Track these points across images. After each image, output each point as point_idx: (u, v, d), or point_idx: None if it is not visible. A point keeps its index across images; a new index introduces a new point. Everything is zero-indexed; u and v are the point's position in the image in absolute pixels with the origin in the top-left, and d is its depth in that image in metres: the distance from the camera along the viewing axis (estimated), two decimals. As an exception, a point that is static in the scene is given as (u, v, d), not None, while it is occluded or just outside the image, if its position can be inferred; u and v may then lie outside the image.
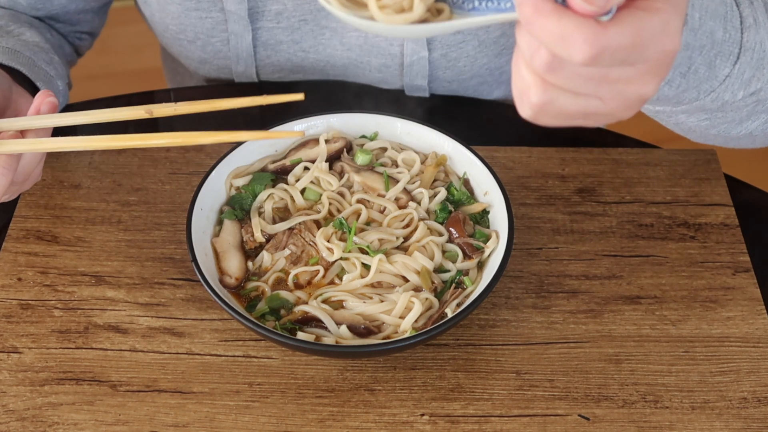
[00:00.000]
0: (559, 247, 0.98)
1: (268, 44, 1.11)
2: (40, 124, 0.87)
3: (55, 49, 1.08)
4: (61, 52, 1.12)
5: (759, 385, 0.87)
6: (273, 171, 0.97)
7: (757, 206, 1.03)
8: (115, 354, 0.89)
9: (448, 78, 1.12)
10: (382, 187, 0.94)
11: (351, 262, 0.89)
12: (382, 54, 1.10)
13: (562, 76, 0.63)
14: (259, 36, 1.10)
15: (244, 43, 1.10)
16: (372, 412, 0.85)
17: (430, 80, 1.12)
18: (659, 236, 0.99)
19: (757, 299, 0.93)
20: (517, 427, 0.84)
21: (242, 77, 1.15)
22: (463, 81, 1.12)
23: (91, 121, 0.87)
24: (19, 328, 0.90)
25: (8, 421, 0.84)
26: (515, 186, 1.03)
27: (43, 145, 0.86)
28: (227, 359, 0.88)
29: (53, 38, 1.11)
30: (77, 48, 1.20)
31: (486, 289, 0.84)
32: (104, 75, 2.29)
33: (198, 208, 0.91)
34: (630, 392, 0.86)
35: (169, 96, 1.16)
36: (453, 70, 1.11)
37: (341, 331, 0.85)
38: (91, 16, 1.16)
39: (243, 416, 0.84)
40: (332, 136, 0.98)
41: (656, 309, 0.93)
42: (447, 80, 1.12)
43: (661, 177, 1.04)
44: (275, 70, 1.14)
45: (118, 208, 1.00)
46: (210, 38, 1.11)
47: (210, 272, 0.87)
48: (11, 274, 0.94)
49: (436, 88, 1.14)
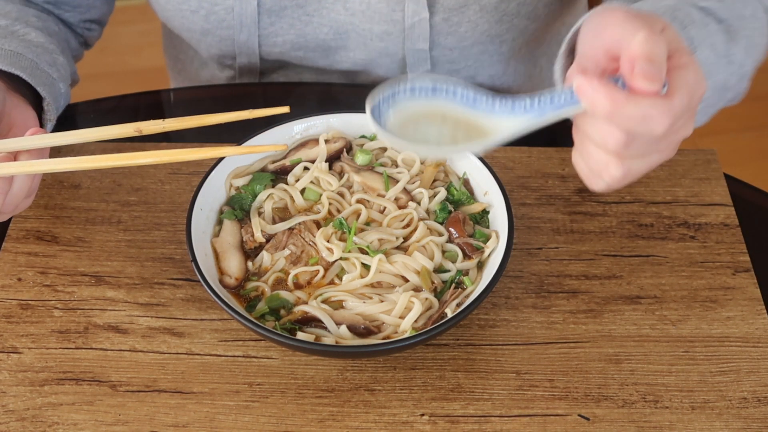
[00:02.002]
0: (559, 247, 0.98)
1: (272, 10, 1.11)
2: (31, 145, 0.88)
3: (61, 47, 1.08)
4: (66, 47, 1.11)
5: (759, 385, 0.87)
6: (273, 171, 0.97)
7: (757, 206, 1.03)
8: (115, 354, 0.89)
9: (450, 45, 1.13)
10: (381, 187, 0.94)
11: (351, 262, 0.89)
12: (385, 20, 1.10)
13: (635, 147, 0.71)
14: (264, 2, 1.10)
15: (248, 8, 1.10)
16: (372, 412, 0.85)
17: (431, 47, 1.12)
18: (659, 236, 0.99)
19: (757, 299, 0.93)
20: (517, 427, 0.84)
21: (244, 49, 1.15)
22: (465, 49, 1.13)
23: (81, 141, 0.90)
24: (19, 328, 0.90)
25: (8, 421, 0.84)
26: (515, 186, 1.03)
27: (33, 168, 0.87)
28: (227, 359, 0.88)
29: (60, 32, 1.11)
30: (86, 39, 1.20)
31: (486, 289, 0.84)
32: (104, 75, 2.29)
33: (198, 208, 0.91)
34: (630, 392, 0.86)
35: (169, 96, 1.16)
36: (455, 36, 1.12)
37: (341, 331, 0.85)
38: (99, 1, 1.17)
39: (243, 416, 0.84)
40: (332, 136, 0.98)
41: (656, 309, 0.93)
42: (449, 47, 1.13)
43: (661, 177, 1.04)
44: (277, 42, 1.15)
45: (118, 208, 1.00)
46: (214, 6, 1.11)
47: (210, 272, 0.87)
48: (11, 274, 0.94)
49: (438, 57, 1.14)
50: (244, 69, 1.20)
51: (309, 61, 1.18)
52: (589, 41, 0.76)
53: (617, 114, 0.68)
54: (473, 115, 0.76)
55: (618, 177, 0.74)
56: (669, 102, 0.69)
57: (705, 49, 0.88)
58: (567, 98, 0.72)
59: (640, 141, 0.71)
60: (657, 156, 0.75)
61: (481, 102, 0.76)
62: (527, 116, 0.74)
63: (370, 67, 1.18)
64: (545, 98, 0.73)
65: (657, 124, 0.69)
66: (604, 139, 0.71)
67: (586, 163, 0.76)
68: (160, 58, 1.43)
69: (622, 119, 0.69)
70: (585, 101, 0.69)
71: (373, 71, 1.18)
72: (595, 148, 0.74)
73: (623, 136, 0.70)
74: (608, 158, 0.73)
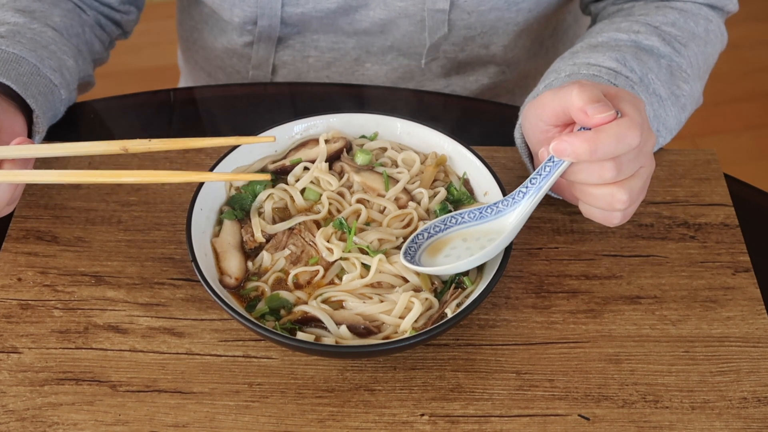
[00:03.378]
0: (559, 247, 0.98)
1: None
2: (15, 155, 0.89)
3: (77, 50, 1.08)
4: (87, 50, 1.12)
5: (759, 385, 0.87)
6: (273, 171, 0.97)
7: (757, 206, 1.03)
8: (115, 354, 0.89)
9: (468, 8, 1.15)
10: (381, 187, 0.94)
11: (351, 262, 0.89)
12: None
13: (626, 167, 0.83)
14: None
15: None
16: (372, 412, 0.85)
17: (450, 8, 1.14)
18: (659, 236, 0.99)
19: (757, 299, 0.93)
20: (517, 427, 0.84)
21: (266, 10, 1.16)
22: (482, 13, 1.16)
23: (67, 154, 0.91)
24: (19, 328, 0.90)
25: (8, 421, 0.84)
26: (515, 186, 1.02)
27: (17, 177, 0.87)
28: (227, 359, 0.88)
29: (85, 34, 1.11)
30: (123, 26, 1.21)
31: (486, 289, 0.84)
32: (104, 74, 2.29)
33: (198, 208, 0.91)
34: (630, 392, 0.87)
35: (169, 96, 1.16)
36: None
37: (341, 331, 0.85)
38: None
39: (243, 416, 0.84)
40: (332, 136, 0.98)
41: (656, 309, 0.93)
42: (467, 10, 1.15)
43: (661, 177, 1.04)
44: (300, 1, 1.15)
45: (118, 208, 1.00)
46: None
47: (210, 272, 0.87)
48: (11, 274, 0.94)
49: (455, 20, 1.16)
50: (263, 34, 1.20)
51: (328, 20, 1.18)
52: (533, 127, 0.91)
53: (598, 148, 0.81)
54: (486, 225, 0.89)
55: (625, 200, 0.85)
56: (627, 118, 0.82)
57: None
58: (551, 165, 0.85)
59: (626, 160, 0.83)
60: (644, 170, 0.86)
61: (486, 212, 0.89)
62: (528, 199, 0.87)
63: (388, 29, 1.18)
64: (535, 177, 0.86)
65: (630, 137, 0.81)
66: (600, 173, 0.83)
67: (595, 207, 0.88)
68: (160, 58, 1.43)
69: (604, 149, 0.81)
70: (568, 157, 0.82)
71: (390, 33, 1.19)
72: (595, 188, 0.85)
73: (612, 163, 0.82)
74: (610, 189, 0.85)
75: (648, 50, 1.02)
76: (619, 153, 0.82)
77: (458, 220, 0.90)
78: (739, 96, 1.18)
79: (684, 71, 1.04)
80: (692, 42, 1.06)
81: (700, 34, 1.07)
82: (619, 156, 0.82)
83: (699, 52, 1.07)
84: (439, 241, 0.90)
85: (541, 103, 0.89)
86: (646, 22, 1.05)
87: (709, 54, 1.09)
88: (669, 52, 1.03)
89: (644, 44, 1.02)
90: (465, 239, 0.89)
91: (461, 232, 0.90)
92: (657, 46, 1.03)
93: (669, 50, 1.03)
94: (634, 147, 0.82)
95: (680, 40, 1.05)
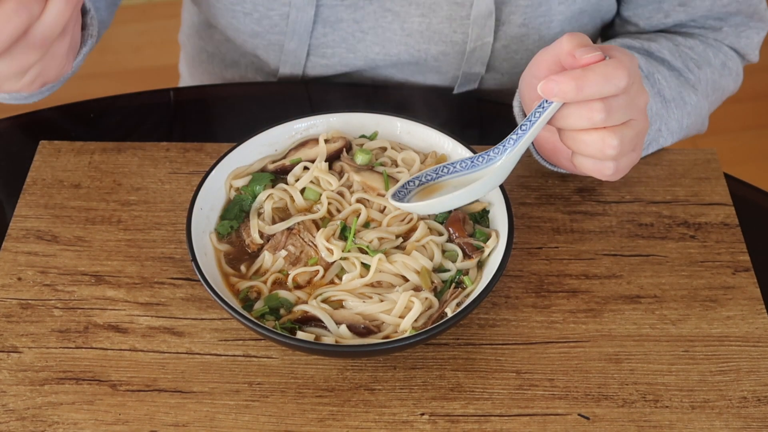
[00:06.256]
0: (559, 247, 0.98)
1: (327, 21, 1.09)
2: None
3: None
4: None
5: (759, 384, 0.87)
6: (272, 171, 0.97)
7: (757, 206, 1.03)
8: (115, 354, 0.89)
9: (503, 70, 1.14)
10: (381, 186, 0.94)
11: (350, 262, 0.89)
12: (444, 41, 1.10)
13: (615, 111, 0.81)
14: (321, 12, 1.08)
15: (305, 17, 1.08)
16: (372, 412, 0.85)
17: (487, 69, 1.13)
18: (659, 236, 0.99)
19: (757, 299, 0.93)
20: (517, 426, 0.84)
21: (290, 57, 1.12)
22: (515, 75, 1.13)
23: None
24: (19, 328, 0.90)
25: (8, 420, 0.84)
26: (515, 185, 1.03)
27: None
28: (227, 359, 0.88)
29: None
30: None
31: (486, 288, 0.84)
32: (104, 74, 2.29)
33: (198, 208, 0.91)
34: (630, 391, 0.87)
35: (169, 96, 1.16)
36: (510, 62, 1.13)
37: (341, 330, 0.85)
38: None
39: (243, 416, 0.84)
40: (332, 136, 0.98)
41: (656, 308, 0.93)
42: (501, 72, 1.14)
43: (661, 176, 1.04)
44: (326, 53, 1.12)
45: (118, 208, 1.00)
46: (269, 11, 1.09)
47: (210, 272, 0.87)
48: (11, 274, 0.94)
49: (487, 79, 1.15)
50: (284, 80, 1.17)
51: (351, 78, 1.16)
52: (529, 87, 0.89)
53: (585, 85, 0.79)
54: (478, 173, 0.88)
55: (616, 144, 0.82)
56: (616, 59, 0.81)
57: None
58: (541, 108, 0.83)
59: (616, 104, 0.81)
60: (636, 123, 0.84)
61: (478, 161, 0.88)
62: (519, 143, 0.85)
63: (414, 79, 1.17)
64: (525, 123, 0.84)
65: (618, 78, 0.79)
66: (589, 115, 0.81)
67: (586, 155, 0.84)
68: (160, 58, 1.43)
69: (591, 87, 0.79)
70: (555, 96, 0.80)
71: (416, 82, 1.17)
72: (585, 134, 0.83)
73: (601, 104, 0.80)
74: (600, 134, 0.82)
75: (659, 60, 1.02)
76: (607, 93, 0.80)
77: (450, 169, 0.90)
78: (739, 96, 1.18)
79: (693, 86, 1.03)
80: (707, 67, 1.06)
81: (716, 65, 1.07)
82: (607, 98, 0.80)
83: (711, 79, 1.06)
84: (429, 188, 0.90)
85: (535, 61, 0.88)
86: (664, 37, 1.05)
87: (721, 86, 1.09)
88: (680, 67, 1.03)
89: (656, 55, 1.02)
90: (456, 187, 0.88)
91: (453, 181, 0.89)
92: (669, 59, 1.02)
93: (681, 65, 1.03)
94: (622, 88, 0.80)
95: (695, 61, 1.05)
